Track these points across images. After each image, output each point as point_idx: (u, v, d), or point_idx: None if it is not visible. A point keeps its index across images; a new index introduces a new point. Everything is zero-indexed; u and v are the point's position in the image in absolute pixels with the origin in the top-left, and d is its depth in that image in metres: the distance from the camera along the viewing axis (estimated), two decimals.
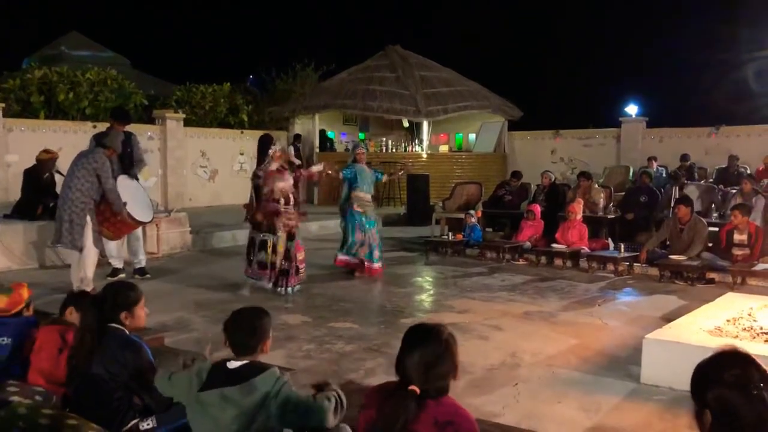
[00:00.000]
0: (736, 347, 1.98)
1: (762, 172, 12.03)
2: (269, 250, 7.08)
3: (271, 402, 2.60)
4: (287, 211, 7.15)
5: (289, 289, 7.17)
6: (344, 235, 8.33)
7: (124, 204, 7.05)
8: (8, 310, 3.77)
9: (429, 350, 2.26)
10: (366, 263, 8.19)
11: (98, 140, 7.31)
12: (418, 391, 2.21)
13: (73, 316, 3.62)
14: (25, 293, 3.87)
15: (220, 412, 2.60)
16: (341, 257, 8.28)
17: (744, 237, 8.06)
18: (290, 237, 7.21)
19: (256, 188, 7.27)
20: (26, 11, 26.11)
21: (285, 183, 7.18)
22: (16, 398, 3.02)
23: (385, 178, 8.72)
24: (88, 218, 6.91)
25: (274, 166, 7.18)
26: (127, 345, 3.14)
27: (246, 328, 2.78)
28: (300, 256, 7.30)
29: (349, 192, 8.29)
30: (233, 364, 2.71)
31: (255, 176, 7.35)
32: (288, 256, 7.16)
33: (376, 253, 8.25)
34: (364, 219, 8.22)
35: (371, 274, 8.16)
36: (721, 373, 1.88)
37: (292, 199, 7.23)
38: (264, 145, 7.45)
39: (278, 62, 19.12)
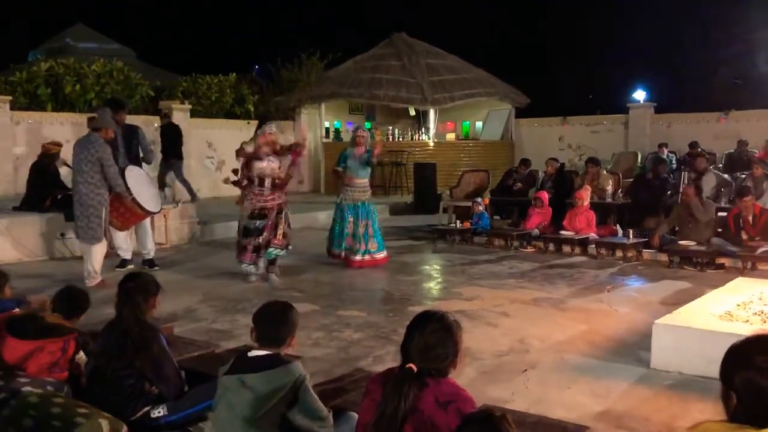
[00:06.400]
0: None
1: (764, 156, 11.93)
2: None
3: (289, 395, 2.64)
4: (261, 193, 7.10)
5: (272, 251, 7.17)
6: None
7: (129, 190, 7.06)
8: None
9: (431, 331, 2.32)
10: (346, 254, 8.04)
11: (92, 127, 7.33)
12: (415, 368, 2.26)
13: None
14: None
15: (236, 397, 2.65)
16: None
17: (750, 219, 8.01)
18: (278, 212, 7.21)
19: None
20: (31, 4, 26.15)
21: (265, 164, 7.10)
22: (27, 388, 3.03)
23: (376, 151, 8.12)
24: (104, 210, 6.95)
25: (250, 148, 7.11)
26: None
27: (276, 321, 2.82)
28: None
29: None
30: (254, 353, 2.76)
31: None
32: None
33: (362, 246, 8.03)
34: (346, 209, 8.05)
35: (352, 266, 8.00)
36: (752, 357, 1.86)
37: (268, 182, 7.11)
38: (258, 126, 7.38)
39: (283, 52, 19.09)
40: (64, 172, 9.06)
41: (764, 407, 1.81)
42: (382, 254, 8.23)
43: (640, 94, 16.79)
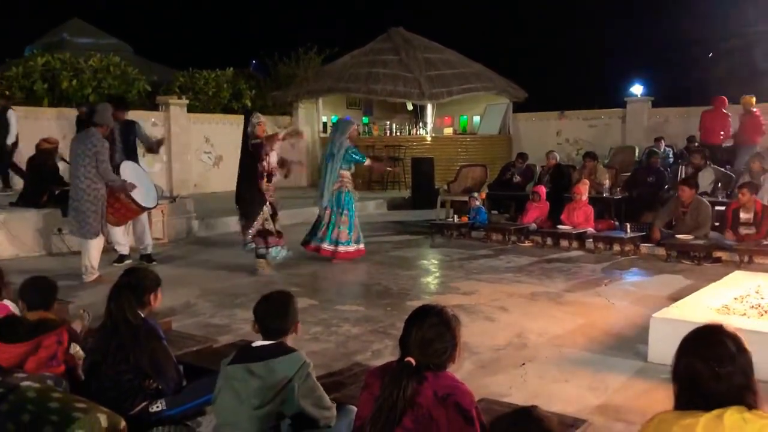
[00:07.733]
0: (722, 324, 2.00)
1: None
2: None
3: (296, 383, 2.69)
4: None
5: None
6: (350, 222, 7.99)
7: (122, 185, 7.05)
8: None
9: (429, 326, 2.33)
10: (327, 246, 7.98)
11: (91, 121, 7.30)
12: (413, 362, 2.26)
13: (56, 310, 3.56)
14: None
15: (243, 385, 2.68)
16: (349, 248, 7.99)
17: (750, 215, 8.01)
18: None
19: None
20: None
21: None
22: (26, 383, 3.02)
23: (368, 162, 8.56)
24: (101, 204, 6.94)
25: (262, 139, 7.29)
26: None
27: (278, 312, 2.86)
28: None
29: (339, 173, 8.00)
30: (258, 343, 2.80)
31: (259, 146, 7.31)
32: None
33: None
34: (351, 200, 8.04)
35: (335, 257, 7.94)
36: (697, 346, 1.93)
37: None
38: (246, 119, 7.45)
39: (281, 46, 19.02)
40: (63, 167, 9.06)
41: (699, 393, 1.85)
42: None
43: (637, 89, 16.75)
